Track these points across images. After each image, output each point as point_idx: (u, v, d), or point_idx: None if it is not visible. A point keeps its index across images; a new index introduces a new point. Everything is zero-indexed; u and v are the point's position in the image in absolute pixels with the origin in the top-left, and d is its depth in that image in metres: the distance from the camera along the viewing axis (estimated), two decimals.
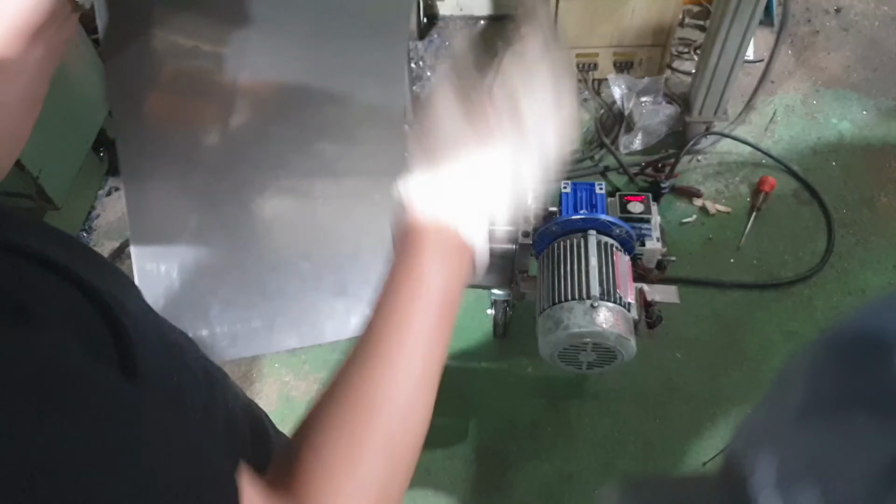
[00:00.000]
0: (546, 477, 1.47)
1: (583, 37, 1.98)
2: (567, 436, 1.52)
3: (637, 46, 2.00)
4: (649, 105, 1.94)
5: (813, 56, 2.19)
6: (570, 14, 1.91)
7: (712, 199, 1.87)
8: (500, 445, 1.52)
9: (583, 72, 2.06)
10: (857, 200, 1.86)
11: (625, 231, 1.33)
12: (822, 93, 2.10)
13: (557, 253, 1.32)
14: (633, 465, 1.48)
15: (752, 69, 2.14)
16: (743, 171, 1.94)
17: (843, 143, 1.98)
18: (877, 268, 1.74)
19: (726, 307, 1.69)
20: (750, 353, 1.62)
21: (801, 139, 1.99)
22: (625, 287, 1.26)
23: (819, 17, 2.29)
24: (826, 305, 1.68)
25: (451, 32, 2.32)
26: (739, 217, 1.84)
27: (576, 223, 1.32)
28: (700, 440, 1.51)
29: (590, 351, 1.26)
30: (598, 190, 1.40)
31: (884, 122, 2.02)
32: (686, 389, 1.57)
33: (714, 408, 1.55)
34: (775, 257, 1.77)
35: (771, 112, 2.06)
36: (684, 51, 2.19)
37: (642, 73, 2.06)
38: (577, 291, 1.24)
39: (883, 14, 2.28)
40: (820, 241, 1.79)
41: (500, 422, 1.55)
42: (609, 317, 1.21)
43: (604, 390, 1.58)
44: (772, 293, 1.71)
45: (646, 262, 1.41)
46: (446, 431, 1.54)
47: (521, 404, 1.57)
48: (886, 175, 1.91)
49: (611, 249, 1.30)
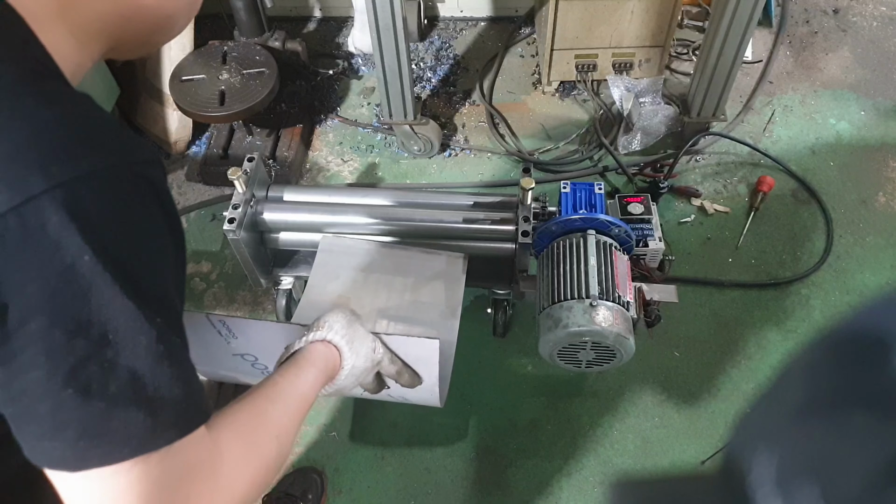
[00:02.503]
0: (546, 475, 1.48)
1: (582, 38, 1.98)
2: (566, 434, 1.53)
3: (636, 47, 2.01)
4: (648, 106, 1.94)
5: (811, 57, 2.19)
6: (569, 15, 1.91)
7: (711, 199, 1.88)
8: (499, 443, 1.52)
9: (582, 73, 2.06)
10: (855, 200, 1.87)
11: (624, 231, 1.33)
12: (821, 93, 2.10)
13: (557, 252, 1.32)
14: (632, 463, 1.49)
15: (750, 70, 2.15)
16: (741, 172, 1.94)
17: (842, 144, 1.99)
18: (875, 267, 1.74)
19: (725, 306, 1.69)
20: (748, 352, 1.62)
21: (800, 139, 2.00)
22: (624, 286, 1.27)
23: (817, 18, 2.30)
24: (824, 305, 1.69)
25: (451, 34, 2.33)
26: (738, 217, 1.85)
27: (575, 223, 1.32)
28: (699, 439, 1.51)
29: (589, 350, 1.26)
30: (598, 190, 1.40)
31: (882, 123, 2.02)
32: (685, 388, 1.58)
33: (712, 406, 1.55)
34: (773, 257, 1.77)
35: (769, 112, 2.06)
36: (683, 52, 2.20)
37: (641, 73, 2.06)
38: (576, 291, 1.24)
39: (881, 15, 2.29)
40: (818, 240, 1.80)
41: (500, 420, 1.55)
42: (608, 316, 1.21)
43: (603, 389, 1.58)
44: (770, 292, 1.71)
45: (649, 262, 1.41)
46: (446, 429, 1.54)
47: (521, 403, 1.57)
48: (884, 175, 1.92)
49: (610, 249, 1.30)
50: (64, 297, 0.42)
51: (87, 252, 0.41)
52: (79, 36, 0.51)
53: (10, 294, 0.41)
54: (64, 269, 0.41)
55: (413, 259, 1.40)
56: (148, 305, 0.46)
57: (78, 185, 0.41)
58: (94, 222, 0.42)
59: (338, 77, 2.20)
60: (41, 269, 0.41)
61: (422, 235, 1.41)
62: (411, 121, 1.90)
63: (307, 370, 0.76)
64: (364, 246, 1.40)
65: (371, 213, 1.40)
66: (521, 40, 2.30)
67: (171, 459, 0.47)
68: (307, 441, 1.54)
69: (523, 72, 2.21)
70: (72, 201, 0.41)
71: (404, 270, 1.38)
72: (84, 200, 0.42)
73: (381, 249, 1.41)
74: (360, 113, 2.13)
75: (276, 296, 1.56)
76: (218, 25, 2.12)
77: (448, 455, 1.51)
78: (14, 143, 0.40)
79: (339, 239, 1.41)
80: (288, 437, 0.67)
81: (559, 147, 2.03)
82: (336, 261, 1.39)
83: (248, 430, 0.61)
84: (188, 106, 1.77)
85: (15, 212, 0.39)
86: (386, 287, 1.37)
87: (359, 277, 1.37)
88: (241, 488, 0.56)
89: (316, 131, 2.09)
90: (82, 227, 0.41)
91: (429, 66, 2.23)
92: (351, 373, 0.83)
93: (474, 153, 2.03)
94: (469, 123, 2.10)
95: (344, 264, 1.38)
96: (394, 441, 1.53)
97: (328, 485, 1.47)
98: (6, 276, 0.40)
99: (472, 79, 2.20)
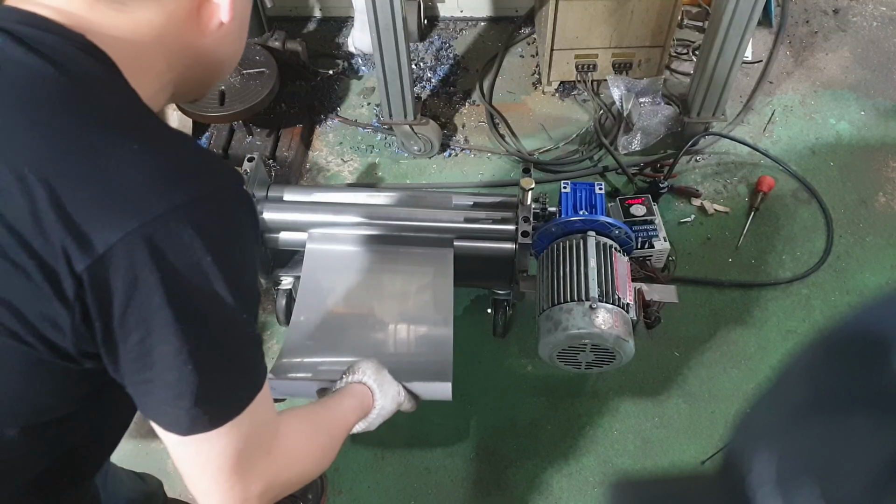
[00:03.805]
0: (546, 475, 1.48)
1: (582, 38, 1.98)
2: (567, 434, 1.53)
3: (636, 47, 2.01)
4: (648, 106, 1.94)
5: (811, 57, 2.19)
6: (569, 15, 1.91)
7: (711, 199, 1.88)
8: (500, 444, 1.52)
9: (582, 73, 2.06)
10: (855, 200, 1.87)
11: (624, 232, 1.33)
12: (821, 93, 2.10)
13: (557, 254, 1.32)
14: (632, 463, 1.49)
15: (750, 70, 2.15)
16: (741, 172, 1.94)
17: (842, 144, 1.99)
18: (875, 267, 1.74)
19: (725, 306, 1.69)
20: (748, 353, 1.62)
21: (800, 139, 2.00)
22: (623, 288, 1.27)
23: (817, 18, 2.30)
24: (824, 305, 1.69)
25: (451, 34, 2.33)
26: (738, 217, 1.85)
27: (575, 224, 1.32)
28: (699, 439, 1.51)
29: (588, 352, 1.26)
30: (598, 190, 1.40)
31: (882, 123, 2.02)
32: (685, 388, 1.58)
33: (713, 406, 1.55)
34: (773, 257, 1.77)
35: (769, 112, 2.06)
36: (683, 52, 2.20)
37: (641, 73, 2.06)
38: (576, 293, 1.24)
39: (881, 15, 2.29)
40: (818, 240, 1.80)
41: (501, 420, 1.55)
42: (608, 318, 1.21)
43: (603, 389, 1.58)
44: (770, 293, 1.71)
45: (655, 262, 1.41)
46: (446, 430, 1.54)
47: (521, 403, 1.57)
48: (884, 175, 1.92)
49: (610, 251, 1.30)
50: (191, 289, 0.52)
51: (209, 255, 0.52)
52: (156, 84, 0.60)
53: (148, 292, 0.50)
54: (193, 265, 0.52)
55: (399, 255, 1.40)
56: (244, 302, 0.57)
57: (199, 204, 0.53)
58: (213, 234, 0.53)
59: (338, 77, 2.20)
60: (175, 266, 0.51)
61: (422, 235, 1.41)
62: (411, 121, 1.90)
63: (349, 399, 0.93)
64: (348, 251, 1.40)
65: (371, 213, 1.40)
66: (521, 40, 2.30)
67: (250, 417, 0.60)
68: None
69: (523, 72, 2.21)
70: (195, 217, 0.52)
71: (392, 269, 1.39)
72: (203, 217, 0.53)
73: (366, 252, 1.41)
74: (360, 113, 2.13)
75: (276, 296, 1.56)
76: None
77: (448, 455, 1.51)
78: (148, 173, 0.51)
79: (322, 247, 1.40)
80: (334, 439, 0.81)
81: (559, 147, 2.03)
82: (323, 270, 1.39)
83: (305, 415, 0.79)
84: (188, 106, 1.77)
85: (150, 224, 0.50)
86: (377, 289, 1.37)
87: (349, 283, 1.37)
88: (295, 453, 0.69)
89: (316, 131, 2.09)
90: (203, 236, 0.52)
91: (429, 66, 2.23)
92: (380, 413, 0.99)
93: (474, 153, 2.03)
94: (469, 123, 2.10)
95: (331, 270, 1.39)
96: (394, 441, 1.53)
97: (328, 485, 1.47)
98: (144, 280, 0.50)
99: (472, 79, 2.20)
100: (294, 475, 0.69)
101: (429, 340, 1.30)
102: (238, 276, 0.56)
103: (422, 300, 1.35)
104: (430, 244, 1.40)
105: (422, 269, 1.39)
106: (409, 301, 1.35)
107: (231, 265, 0.55)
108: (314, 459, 0.74)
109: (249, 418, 0.59)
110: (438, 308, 1.33)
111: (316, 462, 0.75)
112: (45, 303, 0.49)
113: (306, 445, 0.73)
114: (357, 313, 1.35)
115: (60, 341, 0.51)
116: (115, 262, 0.48)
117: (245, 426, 0.59)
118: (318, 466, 0.75)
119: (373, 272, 1.39)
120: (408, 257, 1.40)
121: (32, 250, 0.47)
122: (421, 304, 1.34)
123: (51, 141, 0.49)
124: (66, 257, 0.47)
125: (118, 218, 0.48)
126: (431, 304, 1.34)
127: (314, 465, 0.74)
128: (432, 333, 1.31)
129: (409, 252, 1.40)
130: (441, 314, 1.32)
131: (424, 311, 1.34)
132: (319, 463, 0.76)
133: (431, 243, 1.40)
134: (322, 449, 0.77)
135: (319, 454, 0.76)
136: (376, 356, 1.04)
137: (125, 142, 0.51)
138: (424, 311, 1.34)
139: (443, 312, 1.32)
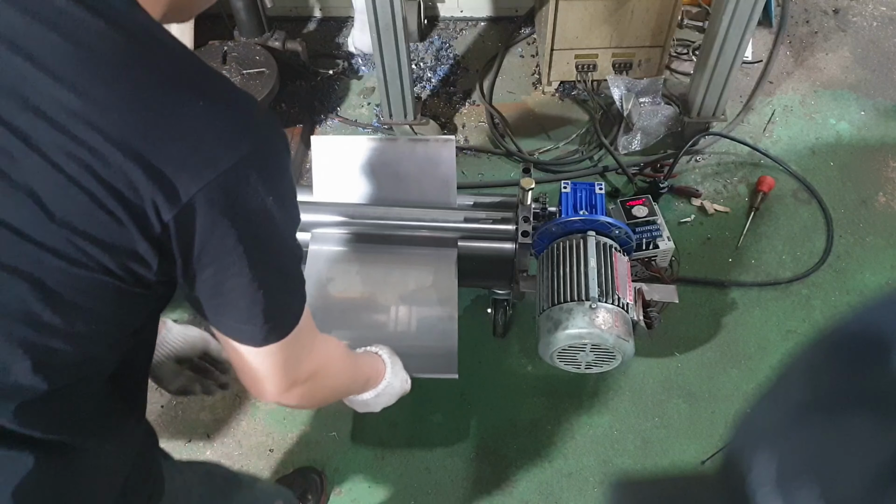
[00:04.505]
0: (546, 475, 1.48)
1: (582, 38, 1.98)
2: (567, 434, 1.53)
3: (636, 47, 2.01)
4: (648, 106, 1.94)
5: (811, 57, 2.19)
6: (569, 15, 1.91)
7: (711, 199, 1.88)
8: (500, 444, 1.52)
9: (582, 73, 2.06)
10: (855, 200, 1.87)
11: (624, 232, 1.33)
12: (821, 93, 2.10)
13: (557, 254, 1.32)
14: (632, 463, 1.49)
15: (750, 70, 2.15)
16: (741, 172, 1.94)
17: (842, 144, 1.99)
18: (875, 267, 1.75)
19: (725, 306, 1.69)
20: (748, 352, 1.62)
21: (800, 139, 2.00)
22: (623, 288, 1.27)
23: (817, 18, 2.30)
24: (824, 305, 1.69)
25: (451, 34, 2.33)
26: (738, 217, 1.85)
27: (575, 224, 1.32)
28: (699, 439, 1.51)
29: (588, 352, 1.26)
30: (598, 190, 1.40)
31: (882, 123, 2.02)
32: (685, 388, 1.58)
33: (713, 406, 1.55)
34: (773, 257, 1.77)
35: (769, 112, 2.06)
36: (683, 52, 2.20)
37: (641, 73, 2.06)
38: (576, 293, 1.24)
39: (881, 15, 2.29)
40: (818, 240, 1.80)
41: (501, 420, 1.55)
42: (608, 318, 1.21)
43: (603, 389, 1.58)
44: (770, 292, 1.71)
45: (659, 262, 1.41)
46: (447, 430, 1.54)
47: (522, 403, 1.57)
48: (884, 175, 1.92)
49: (610, 250, 1.30)
50: (258, 227, 0.62)
51: (270, 195, 0.61)
52: (158, 10, 0.63)
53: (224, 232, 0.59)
54: (258, 205, 0.61)
55: (403, 256, 1.41)
56: (294, 227, 0.69)
57: (260, 153, 0.60)
58: (272, 176, 0.62)
59: (338, 77, 2.20)
60: (246, 208, 0.60)
61: (425, 235, 1.41)
62: (411, 121, 1.90)
63: (365, 357, 1.04)
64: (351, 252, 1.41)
65: (371, 213, 1.40)
66: (521, 40, 2.30)
67: (304, 321, 0.73)
68: (307, 441, 1.54)
69: (523, 72, 2.22)
70: (257, 165, 0.60)
71: (396, 269, 1.40)
72: (263, 163, 0.61)
73: (369, 252, 1.41)
74: (360, 113, 2.13)
75: None
76: (218, 25, 2.12)
77: (448, 455, 1.51)
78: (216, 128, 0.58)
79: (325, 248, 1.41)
80: (356, 368, 0.97)
81: (559, 147, 2.03)
82: (326, 270, 1.39)
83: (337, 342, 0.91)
84: None
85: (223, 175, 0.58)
86: (381, 289, 1.37)
87: (353, 282, 1.38)
88: (329, 361, 0.84)
89: (316, 131, 2.09)
90: (265, 180, 0.61)
91: (429, 66, 2.23)
92: (386, 390, 1.03)
93: (474, 153, 2.03)
94: (469, 123, 2.10)
95: (334, 270, 1.39)
96: (394, 441, 1.53)
97: (328, 485, 1.47)
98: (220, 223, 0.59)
99: (472, 79, 2.20)
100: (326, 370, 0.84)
101: (434, 335, 1.31)
102: (291, 207, 0.67)
103: (426, 300, 1.35)
104: (433, 244, 1.40)
105: (425, 269, 1.39)
106: (414, 302, 1.36)
107: (286, 200, 0.65)
108: (340, 368, 0.89)
109: (303, 322, 0.73)
110: (443, 307, 1.34)
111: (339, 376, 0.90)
112: (136, 244, 0.57)
113: (336, 352, 0.89)
114: (361, 312, 1.35)
115: (145, 273, 0.60)
116: (197, 210, 0.57)
117: (299, 330, 0.72)
118: (342, 379, 0.92)
119: (376, 272, 1.39)
120: (411, 258, 1.40)
121: (127, 202, 0.55)
122: (425, 304, 1.35)
123: (130, 104, 0.56)
124: (155, 208, 0.56)
125: (197, 172, 0.57)
126: (436, 304, 1.34)
127: (338, 377, 0.90)
128: (437, 328, 1.31)
129: (412, 252, 1.40)
130: (446, 312, 1.33)
131: (429, 311, 1.34)
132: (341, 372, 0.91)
133: (435, 243, 1.40)
134: (343, 360, 0.91)
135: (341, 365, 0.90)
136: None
137: (191, 100, 0.58)
138: (429, 311, 1.34)
139: (447, 311, 1.33)
